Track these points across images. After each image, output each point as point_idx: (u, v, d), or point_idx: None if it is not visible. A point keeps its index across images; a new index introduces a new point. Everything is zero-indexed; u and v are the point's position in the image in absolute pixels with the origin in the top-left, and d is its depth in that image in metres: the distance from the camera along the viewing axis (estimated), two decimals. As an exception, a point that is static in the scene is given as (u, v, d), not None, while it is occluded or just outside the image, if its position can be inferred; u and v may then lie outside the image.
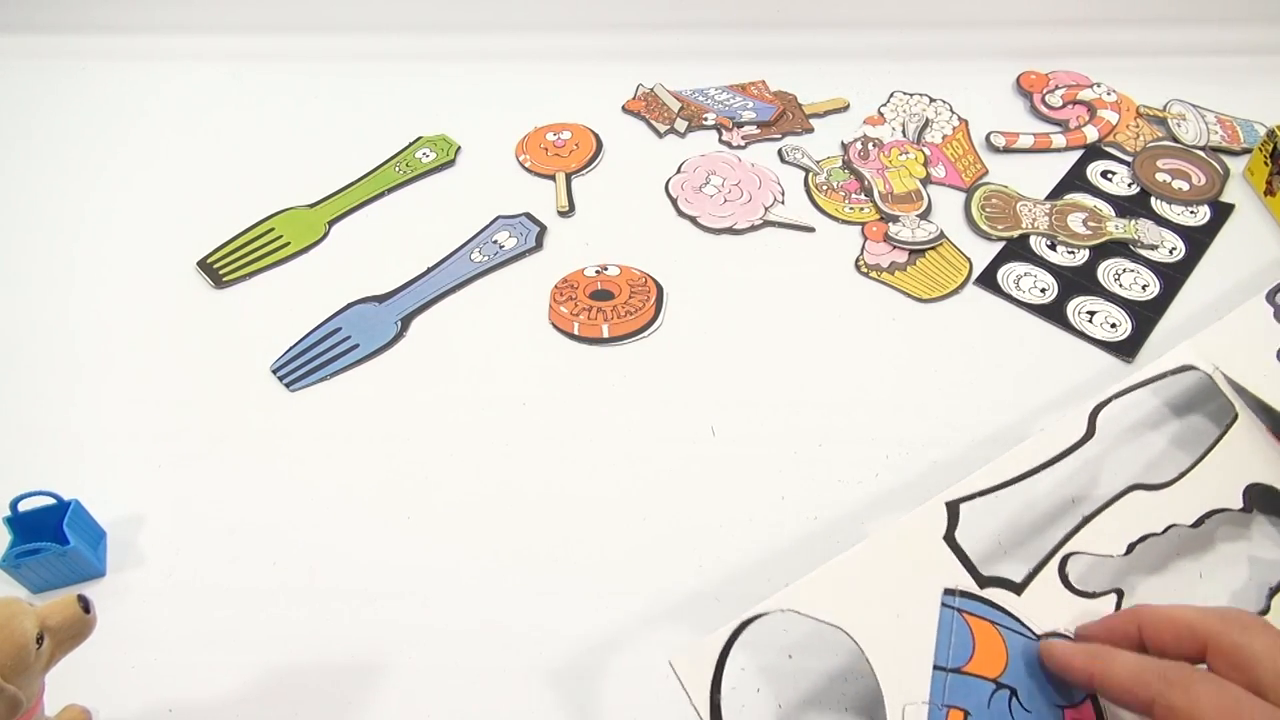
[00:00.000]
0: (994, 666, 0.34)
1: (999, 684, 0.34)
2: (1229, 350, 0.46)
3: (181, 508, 0.45)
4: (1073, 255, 0.55)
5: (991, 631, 0.35)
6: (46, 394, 0.50)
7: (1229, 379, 0.45)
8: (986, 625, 0.35)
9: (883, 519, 0.42)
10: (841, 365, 0.50)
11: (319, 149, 0.65)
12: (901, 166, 0.62)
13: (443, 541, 0.43)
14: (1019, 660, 0.34)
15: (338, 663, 0.39)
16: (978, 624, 0.35)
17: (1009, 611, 0.36)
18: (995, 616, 0.35)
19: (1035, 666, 0.34)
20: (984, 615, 0.35)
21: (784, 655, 0.38)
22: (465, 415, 0.48)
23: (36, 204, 0.62)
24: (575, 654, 0.39)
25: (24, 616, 0.30)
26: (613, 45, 0.73)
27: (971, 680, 0.33)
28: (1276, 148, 0.56)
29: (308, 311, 0.54)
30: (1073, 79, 0.68)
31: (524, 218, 0.59)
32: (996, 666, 0.34)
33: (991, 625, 0.35)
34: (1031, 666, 0.34)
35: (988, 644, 0.35)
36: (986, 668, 0.34)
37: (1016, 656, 0.34)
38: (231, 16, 0.75)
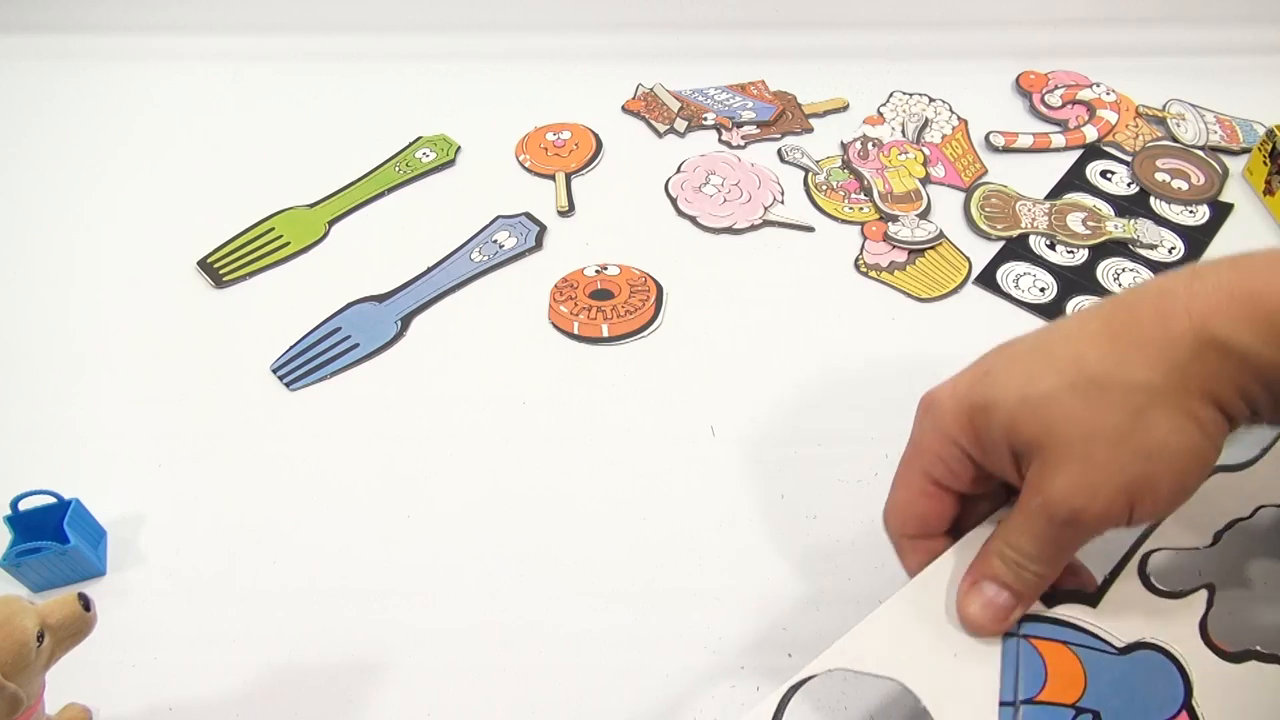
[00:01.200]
0: (1071, 691, 0.31)
1: (1079, 709, 0.31)
2: None
3: (181, 507, 0.45)
4: (1072, 255, 0.55)
5: (1065, 653, 0.32)
6: (46, 394, 0.50)
7: None
8: (1058, 647, 0.32)
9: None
10: (841, 365, 0.50)
11: (319, 149, 0.65)
12: (901, 166, 0.62)
13: (443, 541, 0.43)
14: (1100, 679, 0.31)
15: (338, 662, 0.39)
16: (1048, 647, 0.32)
17: (1082, 628, 0.32)
18: (1067, 636, 0.32)
19: (1120, 684, 0.31)
20: (1054, 637, 0.32)
21: (784, 655, 0.38)
22: (465, 415, 0.48)
23: (36, 204, 0.62)
24: (575, 653, 0.39)
25: (24, 615, 0.30)
26: (613, 45, 0.73)
27: (1047, 709, 0.30)
28: (1276, 147, 0.56)
29: (308, 311, 0.54)
30: (1072, 79, 0.68)
31: (524, 217, 0.59)
32: (1074, 691, 0.31)
33: (1064, 646, 0.32)
34: (1116, 685, 0.31)
35: (1062, 667, 0.32)
36: (1063, 694, 0.31)
37: (1097, 676, 0.31)
38: (231, 16, 0.75)
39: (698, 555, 0.42)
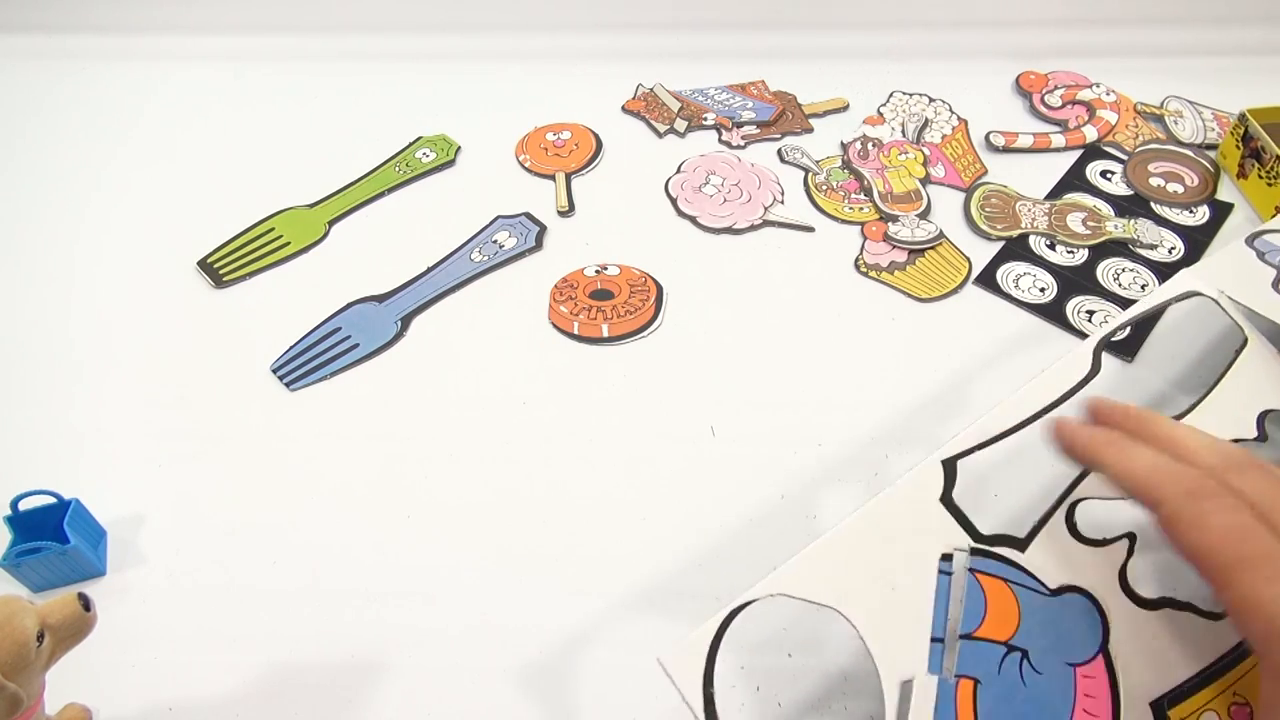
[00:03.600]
0: (1006, 628, 0.33)
1: (1010, 646, 0.32)
2: (1228, 281, 0.43)
3: (181, 507, 0.45)
4: (1072, 255, 0.55)
5: (1005, 590, 0.33)
6: (46, 394, 0.50)
7: (1236, 302, 0.42)
8: (999, 584, 0.33)
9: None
10: (841, 365, 0.50)
11: (319, 149, 0.65)
12: (901, 166, 0.62)
13: (443, 541, 0.43)
14: (1032, 619, 0.33)
15: (338, 662, 0.39)
16: (991, 583, 0.33)
17: (1021, 566, 0.34)
18: (1008, 574, 0.34)
19: (1047, 624, 0.33)
20: (997, 574, 0.34)
21: (784, 654, 0.38)
22: (465, 415, 0.48)
23: (37, 204, 0.62)
24: (575, 653, 0.39)
25: (24, 614, 0.30)
26: (613, 45, 0.73)
27: (983, 645, 0.32)
28: (1247, 132, 0.57)
29: (308, 311, 0.54)
30: (1072, 79, 0.68)
31: (524, 217, 0.59)
32: (1008, 628, 0.33)
33: (1005, 583, 0.33)
34: (1044, 625, 0.33)
35: (1000, 605, 0.33)
36: (998, 630, 0.32)
37: (1030, 615, 0.33)
38: (232, 16, 0.75)
39: (697, 554, 0.42)
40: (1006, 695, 0.31)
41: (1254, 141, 0.57)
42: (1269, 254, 0.46)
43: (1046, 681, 0.32)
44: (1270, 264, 0.46)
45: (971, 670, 0.31)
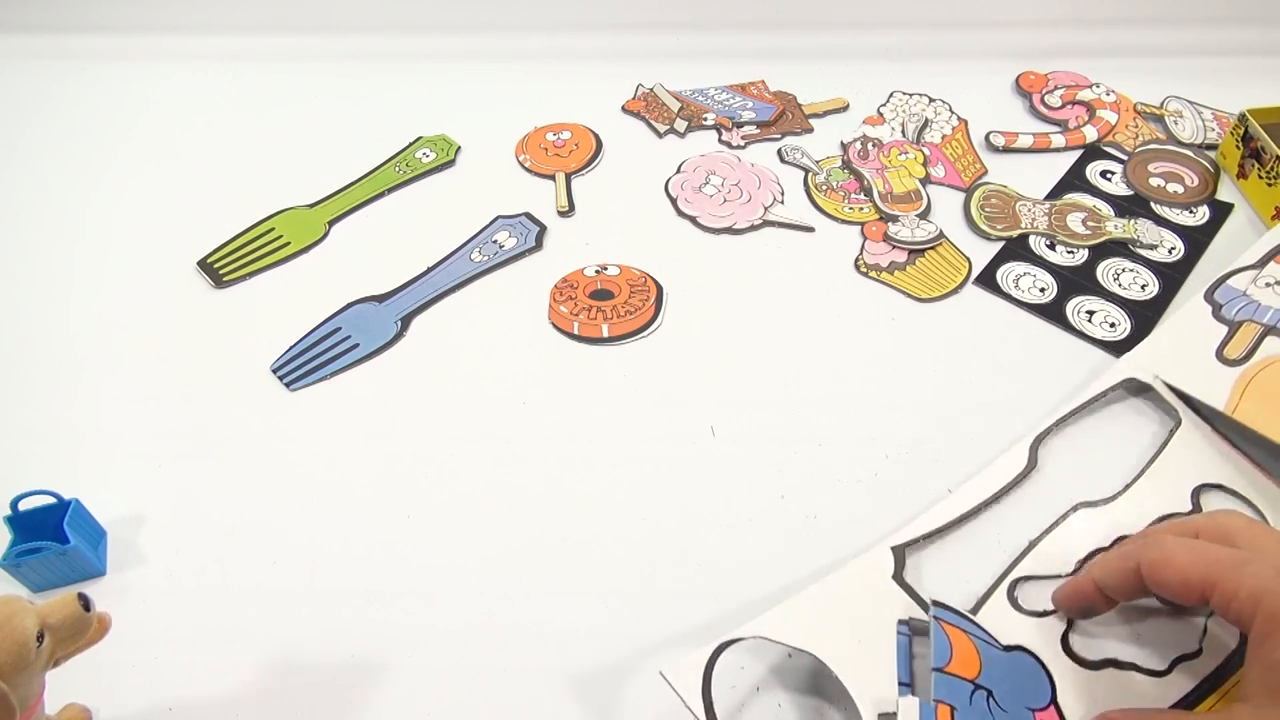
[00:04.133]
0: (970, 669, 0.35)
1: (976, 684, 0.35)
2: (1170, 357, 0.46)
3: (181, 508, 0.45)
4: (1072, 255, 0.55)
5: (965, 640, 0.36)
6: (46, 394, 0.50)
7: (1171, 387, 0.45)
8: (961, 634, 0.37)
9: (882, 519, 0.42)
10: (841, 365, 0.50)
11: (319, 149, 0.65)
12: (901, 166, 0.62)
13: (443, 541, 0.43)
14: (992, 666, 0.36)
15: (338, 662, 0.39)
16: (954, 632, 0.37)
17: (977, 622, 0.38)
18: (967, 626, 0.37)
19: (1005, 672, 0.36)
20: (959, 625, 0.37)
21: (784, 654, 0.38)
22: (465, 415, 0.48)
23: (36, 204, 0.62)
24: (575, 653, 0.39)
25: (24, 614, 0.30)
26: (613, 45, 0.73)
27: (952, 679, 0.35)
28: (1247, 132, 0.57)
29: (308, 311, 0.54)
30: (1072, 79, 0.68)
31: (524, 217, 0.59)
32: (972, 670, 0.35)
33: (965, 634, 0.37)
34: (1002, 672, 0.36)
35: (964, 650, 0.36)
36: (964, 669, 0.35)
37: (989, 663, 0.36)
38: (231, 16, 0.75)
39: (697, 555, 0.42)
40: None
41: (1254, 141, 0.57)
42: (1228, 305, 0.47)
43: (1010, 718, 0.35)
44: (1224, 320, 0.47)
45: (947, 698, 0.34)
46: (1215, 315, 0.48)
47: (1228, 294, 0.48)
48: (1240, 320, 0.47)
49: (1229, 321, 0.47)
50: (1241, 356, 0.45)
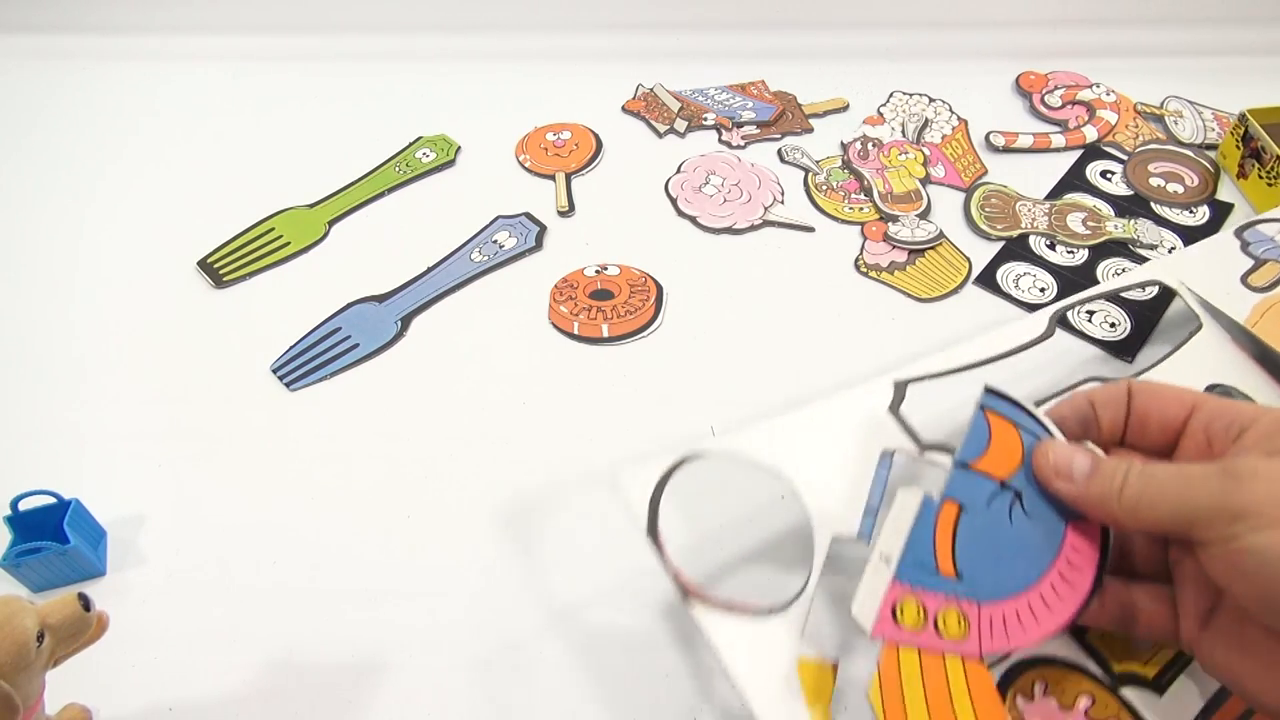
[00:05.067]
0: (1005, 467, 0.32)
1: (1005, 484, 0.32)
2: (1197, 271, 0.47)
3: (181, 508, 0.45)
4: (1072, 255, 0.55)
5: (1011, 432, 0.33)
6: (46, 394, 0.50)
7: (1196, 294, 0.46)
8: (1008, 425, 0.33)
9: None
10: (841, 365, 0.50)
11: (319, 149, 0.65)
12: (901, 166, 0.62)
13: (443, 541, 0.43)
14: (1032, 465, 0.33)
15: (338, 662, 0.39)
16: (999, 422, 0.33)
17: (1035, 416, 0.34)
18: (1020, 419, 0.34)
19: None
20: (1009, 415, 0.34)
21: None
22: (465, 415, 0.48)
23: (37, 204, 0.62)
24: (575, 653, 0.39)
25: (24, 614, 0.30)
26: (613, 45, 0.73)
27: (976, 477, 0.32)
28: (1247, 132, 0.57)
29: (308, 311, 0.54)
30: (1072, 79, 0.68)
31: (524, 217, 0.59)
32: (1007, 467, 0.32)
33: (1012, 426, 0.33)
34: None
35: (1005, 443, 0.33)
36: (996, 467, 0.32)
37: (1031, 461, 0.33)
38: (231, 17, 0.75)
39: (697, 555, 0.42)
40: (989, 529, 0.31)
41: (1254, 141, 0.57)
42: (1255, 244, 0.48)
43: (1034, 527, 0.32)
44: (1251, 255, 0.47)
45: (959, 496, 0.32)
46: (1243, 250, 0.49)
47: (1256, 236, 0.49)
48: (1266, 258, 0.48)
49: (1256, 257, 0.48)
50: (1265, 286, 0.46)
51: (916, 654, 0.30)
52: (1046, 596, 0.31)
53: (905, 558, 0.31)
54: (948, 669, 0.30)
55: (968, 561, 0.31)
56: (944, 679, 0.30)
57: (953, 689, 0.30)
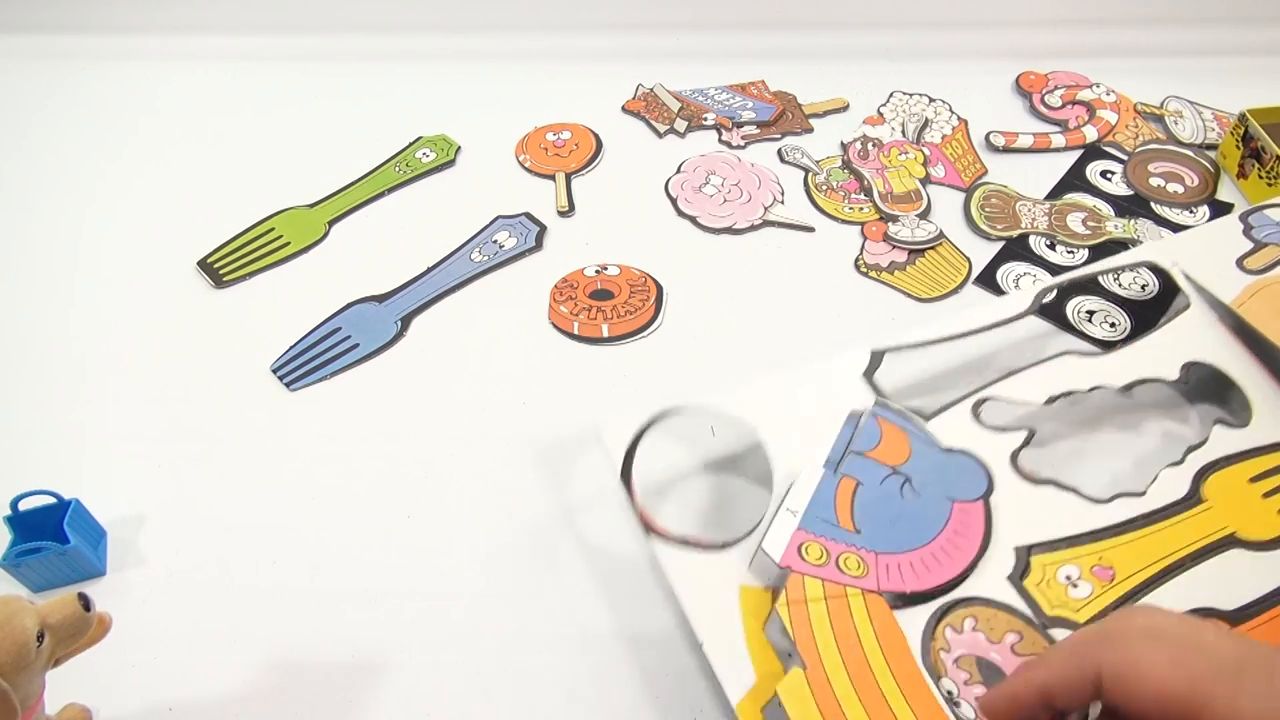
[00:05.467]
0: (894, 458, 0.39)
1: (896, 470, 0.38)
2: (1192, 253, 0.48)
3: (181, 508, 0.45)
4: (1072, 255, 0.55)
5: (900, 434, 0.39)
6: (47, 394, 0.50)
7: (1187, 275, 0.47)
8: (896, 429, 0.40)
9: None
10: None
11: (319, 149, 0.65)
12: (901, 166, 0.62)
13: (443, 541, 0.43)
14: (921, 459, 0.39)
15: (338, 662, 0.39)
16: (888, 427, 0.40)
17: (920, 426, 0.40)
18: (907, 425, 0.40)
19: (933, 466, 0.39)
20: (896, 422, 0.40)
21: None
22: (465, 415, 0.48)
23: (37, 204, 0.62)
24: (576, 653, 0.39)
25: (24, 614, 0.30)
26: (613, 45, 0.73)
27: (870, 462, 0.38)
28: (1247, 132, 0.57)
29: (308, 311, 0.54)
30: (1072, 79, 0.68)
31: (524, 217, 0.59)
32: (896, 459, 0.39)
33: (901, 430, 0.40)
34: (930, 465, 0.39)
35: (894, 442, 0.39)
36: (888, 458, 0.39)
37: (920, 456, 0.39)
38: (231, 16, 0.75)
39: (698, 555, 0.42)
40: (882, 500, 0.38)
41: (1254, 141, 0.57)
42: (1259, 228, 0.49)
43: (923, 504, 0.38)
44: (1252, 239, 0.48)
45: (855, 474, 0.38)
46: (1245, 233, 0.49)
47: (1261, 220, 0.50)
48: (1267, 242, 0.48)
49: (1256, 241, 0.49)
50: (1260, 269, 0.47)
51: (820, 582, 0.35)
52: (937, 554, 0.36)
53: (809, 512, 0.37)
54: (848, 595, 0.35)
55: (865, 521, 0.37)
56: (845, 603, 0.35)
57: (853, 609, 0.35)
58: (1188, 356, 0.44)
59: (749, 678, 0.34)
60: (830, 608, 0.34)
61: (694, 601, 0.36)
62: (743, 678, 0.34)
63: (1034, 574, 0.37)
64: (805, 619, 0.34)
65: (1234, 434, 0.42)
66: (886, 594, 0.35)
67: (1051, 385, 0.43)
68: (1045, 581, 0.37)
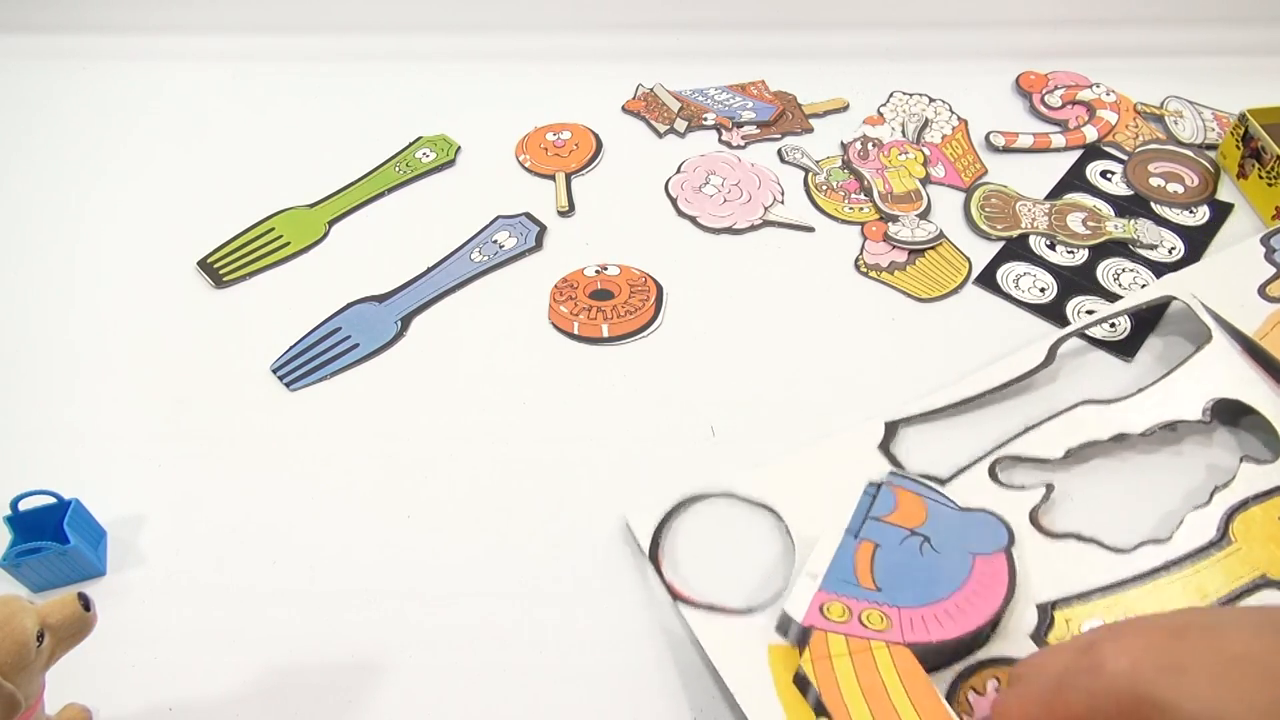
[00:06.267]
0: (911, 521, 0.39)
1: (913, 532, 0.38)
2: (1212, 283, 0.48)
3: (181, 508, 0.45)
4: (1072, 255, 0.55)
5: (916, 499, 0.40)
6: (46, 394, 0.50)
7: (1207, 307, 0.46)
8: (912, 495, 0.40)
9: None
10: (841, 365, 0.50)
11: (319, 149, 0.65)
12: (901, 166, 0.62)
13: (443, 541, 0.43)
14: (938, 519, 0.39)
15: (338, 662, 0.39)
16: (904, 493, 0.40)
17: (934, 489, 0.41)
18: (922, 490, 0.40)
19: (951, 525, 0.39)
20: (912, 489, 0.40)
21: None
22: (465, 415, 0.48)
23: (37, 204, 0.62)
24: (576, 653, 0.39)
25: (24, 614, 0.30)
26: (613, 45, 0.73)
27: (887, 526, 0.38)
28: (1247, 132, 0.57)
29: (308, 311, 0.54)
30: (1072, 79, 0.68)
31: (524, 217, 0.59)
32: (914, 521, 0.39)
33: (917, 495, 0.40)
34: (948, 524, 0.39)
35: (910, 506, 0.39)
36: (905, 521, 0.39)
37: (937, 516, 0.39)
38: (232, 16, 0.75)
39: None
40: (903, 560, 0.37)
41: (1254, 141, 0.57)
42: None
43: (944, 560, 0.38)
44: (1275, 264, 0.47)
45: (874, 538, 0.38)
46: (1267, 257, 0.48)
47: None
48: None
49: (1279, 265, 0.48)
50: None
51: (844, 638, 0.35)
52: (961, 604, 0.36)
53: (830, 575, 0.37)
54: (873, 649, 0.35)
55: (885, 579, 0.37)
56: (870, 657, 0.34)
57: (878, 661, 0.34)
58: (1211, 394, 0.43)
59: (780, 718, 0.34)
60: (855, 662, 0.34)
61: (724, 660, 0.36)
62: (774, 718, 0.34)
63: (1057, 629, 0.36)
64: (830, 674, 0.34)
65: (1261, 471, 0.41)
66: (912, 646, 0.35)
67: (1070, 438, 0.42)
68: (1069, 636, 0.36)
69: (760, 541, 0.42)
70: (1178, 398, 0.43)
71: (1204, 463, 0.43)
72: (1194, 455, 0.44)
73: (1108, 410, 0.43)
